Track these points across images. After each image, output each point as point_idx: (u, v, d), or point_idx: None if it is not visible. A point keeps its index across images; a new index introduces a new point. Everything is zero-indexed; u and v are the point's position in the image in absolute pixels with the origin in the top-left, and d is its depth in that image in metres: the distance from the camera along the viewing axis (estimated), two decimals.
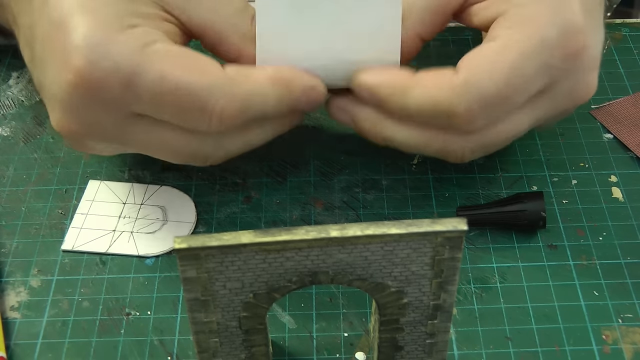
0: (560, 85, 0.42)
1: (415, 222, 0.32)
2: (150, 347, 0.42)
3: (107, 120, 0.40)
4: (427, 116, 0.41)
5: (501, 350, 0.41)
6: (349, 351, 0.42)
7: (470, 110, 0.40)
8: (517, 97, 0.41)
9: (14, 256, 0.46)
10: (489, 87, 0.40)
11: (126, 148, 0.43)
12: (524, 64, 0.40)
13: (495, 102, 0.40)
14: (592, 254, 0.46)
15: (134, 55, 0.38)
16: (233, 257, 0.33)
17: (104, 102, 0.39)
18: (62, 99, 0.40)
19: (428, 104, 0.40)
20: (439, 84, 0.40)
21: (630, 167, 0.50)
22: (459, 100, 0.40)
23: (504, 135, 0.43)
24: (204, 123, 0.39)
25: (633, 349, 0.41)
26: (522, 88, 0.41)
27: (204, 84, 0.39)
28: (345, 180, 0.50)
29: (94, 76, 0.38)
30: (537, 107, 0.43)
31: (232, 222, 0.48)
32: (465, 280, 0.44)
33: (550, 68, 0.41)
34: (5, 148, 0.52)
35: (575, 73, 0.42)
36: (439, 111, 0.40)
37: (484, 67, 0.40)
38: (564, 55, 0.41)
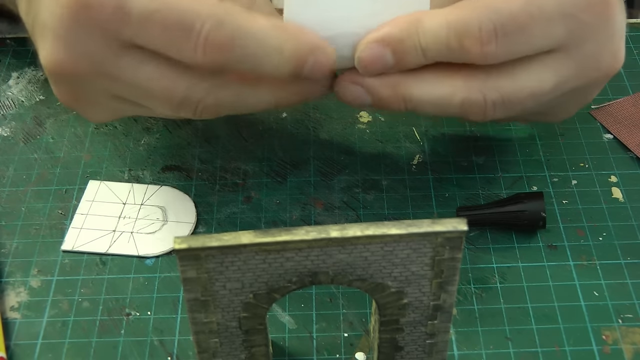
0: (584, 44, 0.41)
1: (415, 223, 0.32)
2: (150, 347, 0.42)
3: (98, 50, 0.39)
4: (443, 45, 0.39)
5: (501, 350, 0.41)
6: (349, 351, 0.42)
7: (483, 29, 0.38)
8: (534, 31, 0.39)
9: (14, 256, 0.46)
10: (504, 8, 0.38)
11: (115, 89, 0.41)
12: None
13: (510, 27, 0.39)
14: (592, 254, 0.46)
15: None
16: (233, 258, 0.33)
17: (95, 27, 0.38)
18: (55, 27, 0.39)
19: (442, 30, 0.39)
20: (455, 6, 0.39)
21: (630, 167, 0.50)
22: (472, 19, 0.38)
23: (526, 88, 0.41)
24: (189, 48, 0.38)
25: (633, 349, 0.41)
26: (540, 22, 0.39)
27: (192, 7, 0.37)
28: (345, 180, 0.50)
29: None
30: (560, 64, 0.41)
31: (232, 222, 0.48)
32: (465, 281, 0.44)
33: (573, 16, 0.40)
34: (5, 148, 0.52)
35: (601, 34, 0.41)
36: (453, 35, 0.39)
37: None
38: (588, 7, 0.40)
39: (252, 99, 0.41)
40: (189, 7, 0.37)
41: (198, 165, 0.51)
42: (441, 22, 0.39)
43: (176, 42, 0.38)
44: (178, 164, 0.50)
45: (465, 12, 0.39)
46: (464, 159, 0.51)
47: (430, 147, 0.52)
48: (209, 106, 0.40)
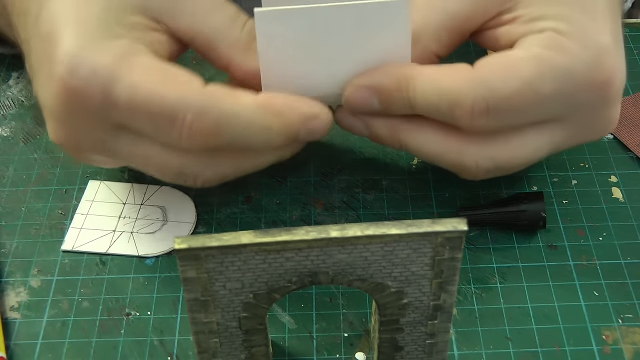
0: (580, 116, 0.41)
1: (415, 223, 0.32)
2: (150, 347, 0.42)
3: (94, 131, 0.40)
4: (433, 107, 0.40)
5: (501, 350, 0.41)
6: (349, 351, 0.42)
7: (475, 104, 0.39)
8: (527, 111, 0.40)
9: (14, 256, 0.46)
10: (499, 88, 0.39)
11: (118, 162, 0.43)
12: (541, 83, 0.39)
13: (503, 106, 0.39)
14: (592, 254, 0.46)
15: (112, 64, 0.38)
16: (233, 258, 0.33)
17: (88, 112, 0.39)
18: (52, 110, 0.40)
19: (433, 94, 0.39)
20: (449, 74, 0.40)
21: (630, 167, 0.50)
22: (465, 92, 0.39)
23: (518, 155, 0.41)
24: (174, 136, 0.38)
25: (633, 349, 0.41)
26: (533, 104, 0.39)
27: (175, 97, 0.38)
28: (345, 180, 0.50)
29: (73, 84, 0.38)
30: (556, 132, 0.41)
31: (232, 222, 0.48)
32: (465, 280, 0.44)
33: (570, 98, 0.40)
34: (5, 148, 0.52)
35: (598, 107, 0.41)
36: (444, 102, 0.39)
37: (500, 70, 0.39)
38: (587, 89, 0.40)
39: (251, 165, 0.42)
40: (171, 98, 0.38)
41: None
42: (433, 87, 0.40)
43: (162, 130, 0.39)
44: None
45: (459, 84, 0.39)
46: None
47: None
48: (208, 179, 0.41)
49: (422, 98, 0.40)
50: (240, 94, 0.39)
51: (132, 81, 0.38)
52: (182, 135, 0.38)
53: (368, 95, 0.41)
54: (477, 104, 0.39)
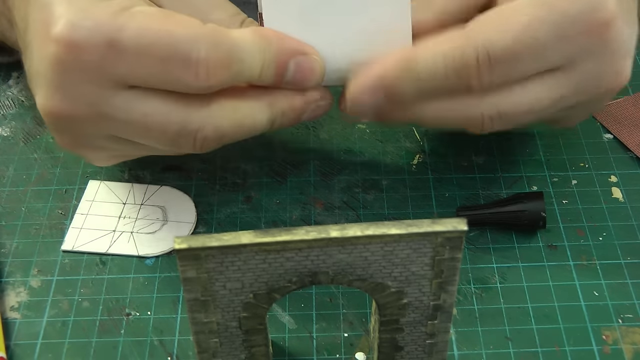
0: (583, 64, 0.41)
1: (415, 222, 0.32)
2: (150, 347, 0.42)
3: (91, 92, 0.39)
4: (441, 79, 0.40)
5: (501, 350, 0.41)
6: (349, 351, 0.42)
7: (479, 57, 0.39)
8: (529, 59, 0.40)
9: (14, 256, 0.46)
10: (498, 38, 0.39)
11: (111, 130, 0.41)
12: (538, 27, 0.39)
13: (504, 56, 0.39)
14: (592, 254, 0.46)
15: (114, 15, 0.38)
16: (233, 258, 0.33)
17: (87, 69, 0.39)
18: (46, 74, 0.39)
19: (439, 62, 0.39)
20: (448, 37, 0.40)
21: (630, 167, 0.50)
22: (468, 47, 0.39)
23: (523, 105, 0.41)
24: (190, 76, 0.38)
25: (633, 349, 0.41)
26: (534, 50, 0.39)
27: (186, 34, 0.38)
28: (345, 180, 0.50)
29: (74, 40, 0.38)
30: (558, 82, 0.41)
31: (232, 222, 0.48)
32: (465, 280, 0.44)
33: (569, 41, 0.40)
34: (5, 148, 0.52)
35: (601, 55, 0.41)
36: (450, 66, 0.39)
37: (494, 22, 0.39)
38: (586, 31, 0.40)
39: (249, 119, 0.41)
40: (181, 35, 0.38)
41: (198, 165, 0.51)
42: (436, 53, 0.39)
43: (175, 72, 0.38)
44: (178, 164, 0.50)
45: (461, 42, 0.39)
46: (464, 159, 0.51)
47: (430, 147, 0.52)
48: (208, 135, 0.40)
49: (428, 72, 0.40)
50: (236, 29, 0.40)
51: (138, 25, 0.38)
52: (200, 72, 0.38)
53: (373, 93, 0.41)
54: (481, 58, 0.39)
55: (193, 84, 0.38)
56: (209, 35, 0.38)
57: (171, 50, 0.38)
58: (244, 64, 0.39)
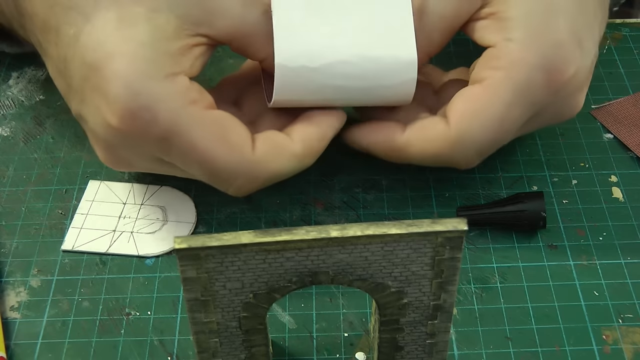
0: (547, 111, 0.45)
1: (415, 222, 0.32)
2: (150, 347, 0.42)
3: (143, 159, 0.42)
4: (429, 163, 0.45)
5: (501, 350, 0.41)
6: (349, 351, 0.42)
7: (468, 158, 0.44)
8: (508, 135, 0.44)
9: (14, 256, 0.46)
10: (482, 139, 0.43)
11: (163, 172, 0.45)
12: (512, 109, 0.42)
13: (489, 146, 0.44)
14: (592, 254, 0.46)
15: (173, 114, 0.39)
16: (233, 257, 0.33)
17: (139, 148, 0.41)
18: (104, 139, 0.41)
19: (428, 156, 0.44)
20: (434, 139, 0.43)
21: (630, 167, 0.50)
22: (457, 154, 0.43)
23: None
24: (223, 188, 0.43)
25: (633, 349, 0.41)
26: (512, 128, 0.43)
27: (229, 163, 0.40)
28: (345, 180, 0.50)
29: (133, 126, 0.39)
30: (525, 128, 0.45)
31: (232, 222, 0.48)
32: (465, 280, 0.44)
33: (536, 103, 0.43)
34: (5, 148, 0.52)
35: (562, 100, 0.44)
36: (439, 161, 0.44)
37: (474, 119, 0.42)
38: (549, 92, 0.43)
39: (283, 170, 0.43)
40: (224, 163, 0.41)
41: None
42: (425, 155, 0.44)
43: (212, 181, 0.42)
44: None
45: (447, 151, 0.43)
46: None
47: None
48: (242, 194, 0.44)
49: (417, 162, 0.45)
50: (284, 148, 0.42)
51: (191, 138, 0.40)
52: (230, 190, 0.42)
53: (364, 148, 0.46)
54: (470, 157, 0.44)
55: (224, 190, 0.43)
56: (250, 168, 0.41)
57: (212, 172, 0.41)
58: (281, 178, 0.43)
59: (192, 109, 0.40)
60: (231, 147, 0.40)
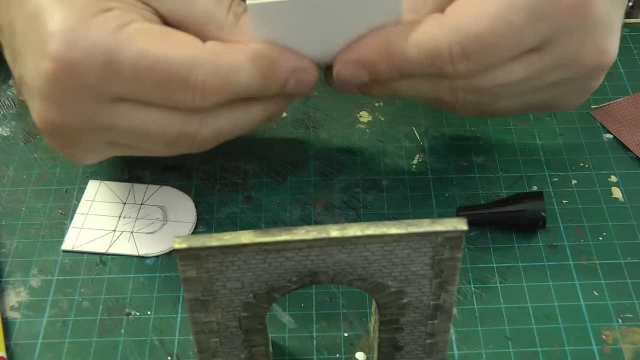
0: (561, 42, 0.41)
1: (415, 222, 0.32)
2: (150, 347, 0.42)
3: (88, 107, 0.39)
4: (416, 65, 0.41)
5: (501, 350, 0.41)
6: (349, 351, 0.42)
7: (452, 50, 0.39)
8: (504, 47, 0.40)
9: (14, 256, 0.46)
10: (471, 29, 0.39)
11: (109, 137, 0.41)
12: (511, 13, 0.39)
13: (478, 46, 0.39)
14: (592, 254, 0.46)
15: (111, 35, 0.38)
16: (233, 257, 0.33)
17: (84, 86, 0.39)
18: (42, 89, 0.39)
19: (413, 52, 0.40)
20: (423, 28, 0.40)
21: (630, 167, 0.50)
22: (440, 40, 0.39)
23: (495, 81, 0.42)
24: (187, 98, 0.39)
25: (633, 349, 0.41)
26: (508, 38, 0.39)
27: (184, 57, 0.38)
28: (345, 180, 0.50)
29: (71, 59, 0.38)
30: (534, 61, 0.41)
31: (232, 222, 0.48)
32: (465, 280, 0.44)
33: (545, 22, 0.39)
34: (5, 148, 0.52)
35: (580, 32, 0.40)
36: (424, 55, 0.40)
37: (469, 12, 0.39)
38: (562, 11, 0.39)
39: (246, 120, 0.42)
40: (179, 58, 0.38)
41: (198, 165, 0.51)
42: (411, 45, 0.40)
43: (171, 94, 0.39)
44: (178, 164, 0.50)
45: (433, 34, 0.40)
46: (464, 159, 0.51)
47: (430, 147, 0.52)
48: (206, 136, 0.41)
49: (404, 60, 0.41)
50: (235, 47, 0.40)
51: (137, 48, 0.38)
52: (195, 94, 0.39)
53: (357, 69, 0.42)
54: (454, 50, 0.39)
55: (189, 104, 0.39)
56: (206, 58, 0.39)
57: (169, 74, 0.38)
58: (241, 86, 0.40)
59: (131, 26, 0.38)
60: (182, 43, 0.39)
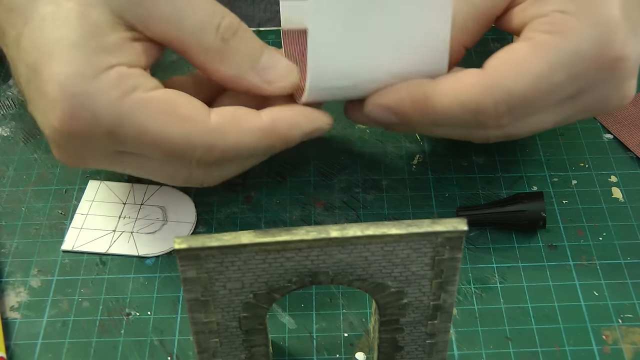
0: (592, 93, 0.42)
1: (415, 223, 0.32)
2: (150, 347, 0.42)
3: (97, 155, 0.41)
4: (454, 119, 0.41)
5: (501, 350, 0.41)
6: (349, 351, 0.42)
7: (497, 108, 0.40)
8: (543, 101, 0.41)
9: (14, 256, 0.46)
10: (515, 89, 0.40)
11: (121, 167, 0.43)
12: (553, 72, 0.40)
13: (522, 103, 0.40)
14: (592, 254, 0.46)
15: (113, 107, 0.38)
16: (233, 258, 0.33)
17: (90, 145, 0.40)
18: (52, 138, 0.41)
19: (455, 109, 0.41)
20: (465, 84, 0.41)
21: (630, 167, 0.50)
22: (485, 98, 0.40)
23: (528, 129, 0.43)
24: (184, 167, 0.41)
25: (633, 349, 0.41)
26: (549, 94, 0.41)
27: (183, 137, 0.39)
28: (345, 180, 0.50)
29: (75, 127, 0.39)
30: (566, 109, 0.43)
31: (232, 222, 0.48)
32: (465, 280, 0.44)
33: (581, 78, 0.41)
34: (5, 148, 0.52)
35: (610, 83, 0.42)
36: (466, 111, 0.41)
37: (511, 69, 0.40)
38: (597, 68, 0.41)
39: (251, 165, 0.44)
40: (179, 139, 0.39)
41: None
42: (453, 103, 0.41)
43: (172, 162, 0.41)
44: None
45: (477, 94, 0.40)
46: (464, 159, 0.51)
47: (430, 147, 0.52)
48: (213, 182, 0.43)
49: (444, 114, 0.41)
50: (246, 120, 0.41)
51: (138, 124, 0.39)
52: (192, 165, 0.41)
53: (388, 114, 0.42)
54: (499, 108, 0.40)
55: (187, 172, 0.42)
56: (207, 140, 0.40)
57: (168, 150, 0.40)
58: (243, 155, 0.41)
59: (133, 96, 0.39)
60: (182, 119, 0.39)
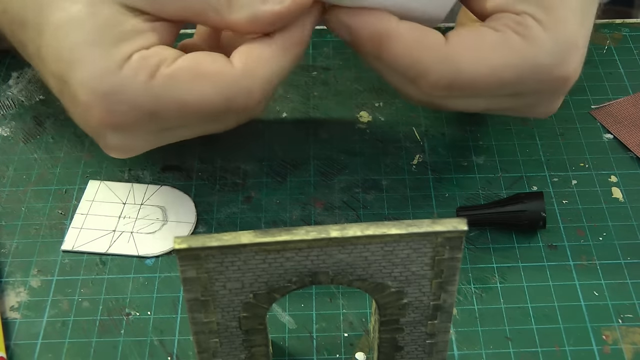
0: (528, 97, 0.44)
1: (415, 223, 0.32)
2: (150, 347, 0.42)
3: (146, 139, 0.42)
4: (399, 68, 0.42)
5: (501, 350, 0.41)
6: (349, 351, 0.42)
7: (439, 80, 0.41)
8: (483, 91, 0.42)
9: (14, 256, 0.46)
10: (467, 71, 0.41)
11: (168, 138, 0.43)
12: (506, 71, 0.41)
13: (465, 85, 0.41)
14: (592, 254, 0.46)
15: (145, 91, 0.39)
16: (233, 258, 0.33)
17: (136, 133, 0.41)
18: (98, 139, 0.41)
19: (400, 59, 0.41)
20: (422, 44, 0.41)
21: (630, 167, 0.50)
22: (434, 69, 0.41)
23: (455, 106, 0.44)
24: (232, 120, 0.42)
25: (633, 349, 0.41)
26: (493, 87, 0.42)
27: (218, 92, 0.39)
28: (345, 180, 0.50)
29: (117, 122, 0.39)
30: (499, 102, 0.44)
31: (232, 222, 0.48)
32: (465, 281, 0.44)
33: (527, 84, 0.42)
34: (5, 148, 0.52)
35: (547, 95, 0.44)
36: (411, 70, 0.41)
37: (472, 53, 0.41)
38: (545, 81, 0.42)
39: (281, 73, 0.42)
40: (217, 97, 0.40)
41: (198, 165, 0.51)
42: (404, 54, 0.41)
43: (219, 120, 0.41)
44: (178, 164, 0.50)
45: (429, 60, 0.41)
46: (464, 159, 0.51)
47: (430, 147, 0.52)
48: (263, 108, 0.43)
49: (391, 59, 0.41)
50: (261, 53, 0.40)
51: (174, 98, 0.39)
52: (240, 116, 0.41)
53: (345, 31, 0.42)
54: (441, 80, 0.41)
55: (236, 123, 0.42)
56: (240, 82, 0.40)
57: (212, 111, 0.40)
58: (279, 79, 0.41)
59: (160, 74, 0.39)
60: (212, 77, 0.39)
